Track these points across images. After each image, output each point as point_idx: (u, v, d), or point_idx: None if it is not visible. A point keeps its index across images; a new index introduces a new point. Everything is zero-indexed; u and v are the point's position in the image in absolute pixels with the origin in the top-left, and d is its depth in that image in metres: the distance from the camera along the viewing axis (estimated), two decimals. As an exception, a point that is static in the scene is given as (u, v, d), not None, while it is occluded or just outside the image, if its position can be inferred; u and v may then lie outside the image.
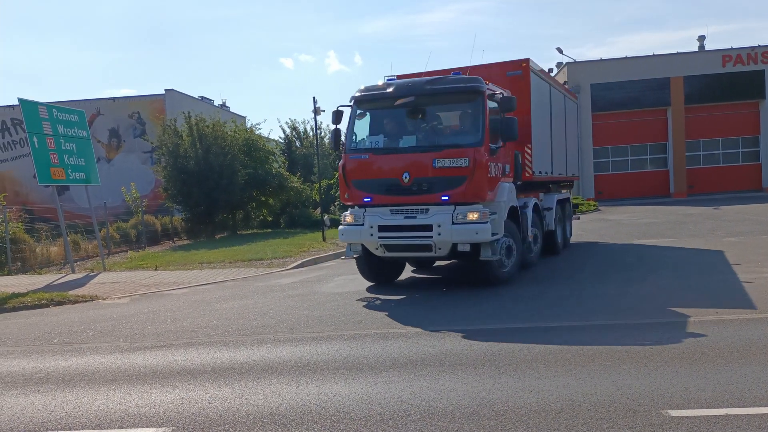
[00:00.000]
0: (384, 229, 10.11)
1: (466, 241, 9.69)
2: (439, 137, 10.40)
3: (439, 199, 9.80)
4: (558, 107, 14.85)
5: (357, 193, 10.40)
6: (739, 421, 4.43)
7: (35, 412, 5.46)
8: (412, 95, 10.18)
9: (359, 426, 4.74)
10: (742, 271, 10.75)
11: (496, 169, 10.22)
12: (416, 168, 9.93)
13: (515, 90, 11.61)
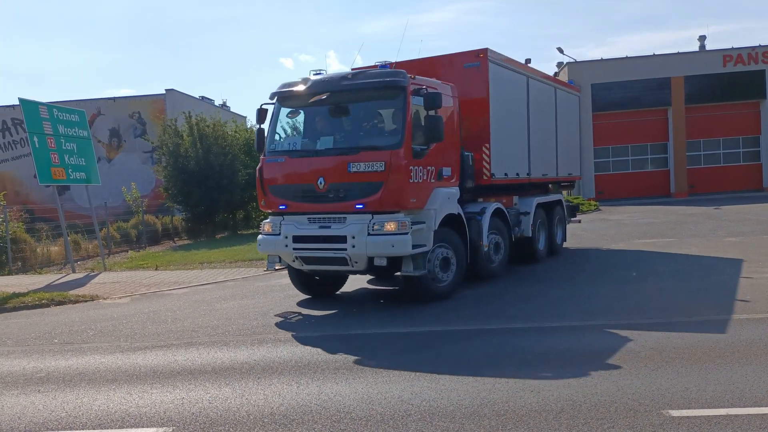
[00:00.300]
0: (299, 239, 9.17)
1: (383, 255, 8.65)
2: (355, 139, 9.33)
3: (354, 207, 8.83)
4: (542, 102, 13.55)
5: (273, 199, 9.50)
6: (740, 421, 4.43)
7: (36, 412, 5.47)
8: (327, 92, 9.24)
9: (360, 426, 4.74)
10: (744, 271, 10.74)
11: (423, 174, 9.09)
12: (331, 173, 8.97)
13: (473, 83, 10.76)
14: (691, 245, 14.65)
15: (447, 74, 10.57)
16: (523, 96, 12.54)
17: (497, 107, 11.09)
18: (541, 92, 13.57)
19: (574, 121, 15.98)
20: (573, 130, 15.89)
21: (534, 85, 13.03)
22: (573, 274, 11.86)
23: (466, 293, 9.94)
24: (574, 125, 15.97)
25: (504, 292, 10.15)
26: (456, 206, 9.84)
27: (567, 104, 15.33)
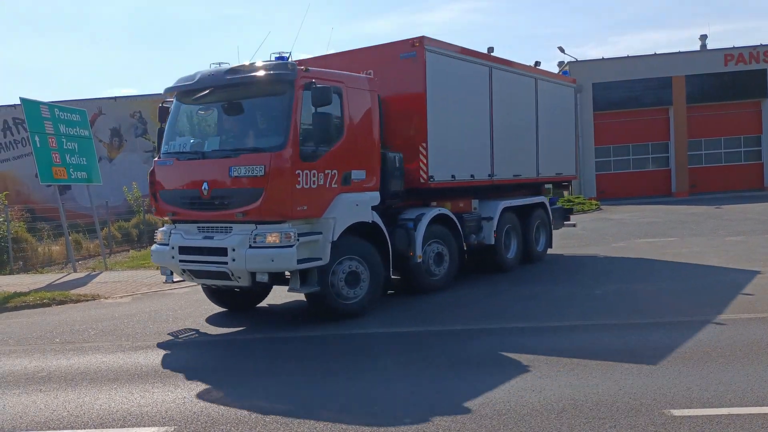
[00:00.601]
0: (185, 251, 8.34)
1: (263, 270, 7.71)
2: (239, 140, 8.46)
3: (236, 216, 7.93)
4: (515, 95, 12.23)
5: (163, 206, 8.71)
6: (742, 421, 4.43)
7: (38, 411, 5.47)
8: (210, 87, 8.37)
9: (361, 425, 4.73)
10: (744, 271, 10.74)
11: (319, 178, 8.03)
12: (214, 178, 8.10)
13: (409, 76, 9.81)
14: (692, 244, 14.64)
15: (383, 67, 9.76)
16: (483, 89, 11.32)
17: (439, 102, 9.98)
18: (513, 84, 12.22)
19: (567, 115, 14.58)
20: (566, 125, 14.49)
21: (500, 77, 11.71)
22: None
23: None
24: (567, 120, 14.58)
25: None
26: (369, 214, 8.68)
27: (555, 97, 13.90)
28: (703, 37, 37.72)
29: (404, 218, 9.72)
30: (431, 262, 10.02)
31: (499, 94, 11.67)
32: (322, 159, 8.09)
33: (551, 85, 13.81)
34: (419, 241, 9.51)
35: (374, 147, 9.01)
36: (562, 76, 14.93)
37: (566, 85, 14.76)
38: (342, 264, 8.33)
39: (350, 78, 8.80)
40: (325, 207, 8.15)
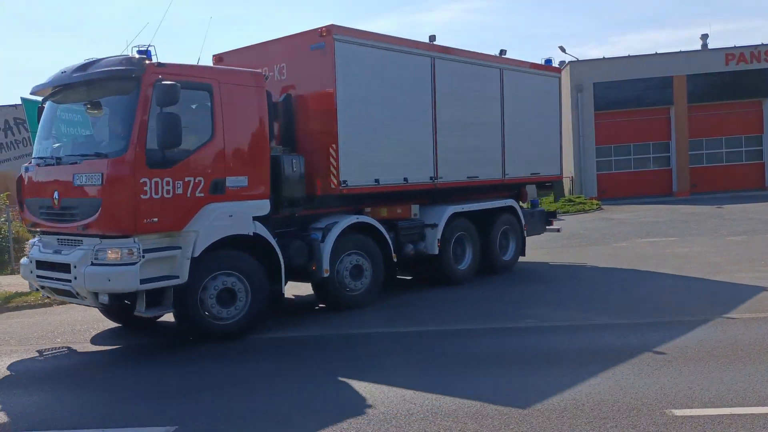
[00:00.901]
0: (40, 265, 7.63)
1: (101, 290, 6.90)
2: (87, 144, 7.74)
3: (81, 229, 7.13)
4: (469, 88, 10.95)
5: (27, 215, 8.05)
6: (743, 421, 4.42)
7: (39, 411, 5.47)
8: (59, 86, 7.71)
9: (362, 425, 4.74)
10: (746, 270, 10.73)
11: (176, 187, 7.09)
12: (62, 186, 7.33)
13: (318, 69, 8.81)
14: (693, 244, 14.63)
15: (294, 60, 9.02)
16: (422, 82, 10.12)
17: (354, 98, 8.94)
18: (467, 76, 10.94)
19: (548, 109, 13.08)
20: (547, 120, 13.02)
21: (447, 68, 10.50)
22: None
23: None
24: (548, 114, 13.09)
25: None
26: (248, 225, 7.64)
27: (531, 89, 12.49)
28: (704, 37, 37.68)
29: (314, 227, 8.79)
30: (347, 276, 8.92)
31: (446, 87, 10.46)
32: (181, 165, 7.12)
33: (524, 75, 12.33)
34: (327, 253, 8.49)
35: (261, 150, 7.96)
36: (541, 65, 13.01)
37: (547, 75, 13.09)
38: (217, 279, 7.40)
39: (225, 73, 7.92)
40: (186, 219, 7.18)
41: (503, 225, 11.81)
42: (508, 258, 11.99)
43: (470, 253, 11.12)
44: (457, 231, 10.72)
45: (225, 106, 7.52)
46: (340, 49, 8.75)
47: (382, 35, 9.59)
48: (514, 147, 11.92)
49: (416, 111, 10.07)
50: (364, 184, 9.25)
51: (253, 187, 7.83)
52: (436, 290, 10.25)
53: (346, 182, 8.89)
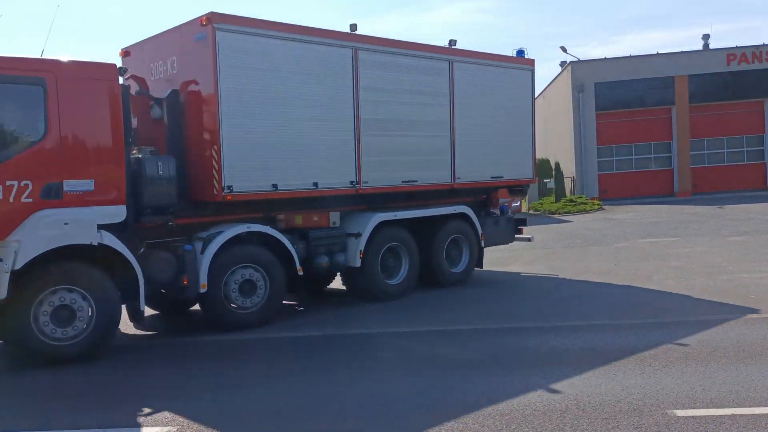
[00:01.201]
0: None
1: None
2: None
3: None
4: (409, 82, 9.89)
5: None
6: (745, 421, 4.42)
7: (39, 413, 5.47)
8: None
9: (362, 424, 4.73)
10: (747, 270, 10.72)
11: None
12: None
13: (200, 63, 7.96)
14: (694, 244, 14.62)
15: (183, 53, 8.26)
16: (342, 76, 9.07)
17: (242, 94, 8.03)
18: (402, 69, 9.81)
19: (519, 106, 11.70)
20: (517, 118, 11.66)
21: (374, 60, 9.42)
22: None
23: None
24: (519, 112, 11.72)
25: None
26: (91, 234, 6.79)
27: (494, 83, 11.19)
28: (705, 37, 37.66)
29: (198, 237, 7.94)
30: (235, 292, 7.97)
31: (373, 82, 9.39)
32: (0, 167, 6.45)
33: (484, 68, 11.05)
34: (205, 266, 7.64)
35: (112, 150, 7.16)
36: (508, 57, 11.62)
37: (517, 68, 11.68)
38: (55, 295, 6.65)
39: (64, 66, 7.01)
40: (8, 228, 6.48)
41: (452, 234, 10.64)
42: (459, 270, 10.83)
43: (406, 265, 9.91)
44: (388, 241, 9.62)
45: (63, 102, 6.76)
46: (223, 39, 7.84)
47: (278, 23, 8.45)
48: (468, 148, 10.73)
49: (330, 108, 8.99)
50: (258, 190, 8.25)
51: (101, 191, 7.02)
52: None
53: (231, 188, 7.90)
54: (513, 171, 11.75)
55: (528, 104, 11.97)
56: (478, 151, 10.94)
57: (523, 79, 11.80)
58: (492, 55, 11.32)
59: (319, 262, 8.86)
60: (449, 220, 10.63)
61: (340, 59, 9.09)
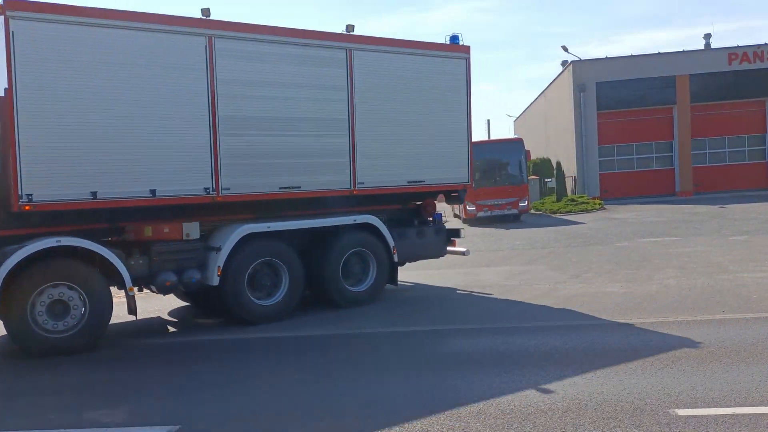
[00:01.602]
0: None
1: None
2: None
3: None
4: (289, 73, 8.75)
5: None
6: (747, 421, 4.42)
7: (40, 412, 5.48)
8: None
9: (362, 423, 4.74)
10: (748, 270, 10.71)
11: None
12: None
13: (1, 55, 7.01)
14: (696, 244, 14.60)
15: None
16: (191, 67, 8.00)
17: (47, 90, 7.11)
18: (278, 59, 8.68)
19: (449, 99, 10.21)
20: (446, 113, 10.25)
21: (236, 50, 8.33)
22: None
23: None
24: (449, 106, 10.26)
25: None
26: None
27: (413, 74, 9.82)
28: (707, 36, 37.65)
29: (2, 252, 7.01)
30: (43, 314, 7.09)
31: (236, 74, 8.33)
32: None
33: (397, 57, 9.69)
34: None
35: None
36: (433, 44, 10.15)
37: (446, 56, 10.18)
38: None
39: None
40: None
41: (353, 247, 9.33)
42: (362, 288, 9.45)
43: (286, 283, 8.69)
44: (260, 256, 8.50)
45: None
46: (20, 28, 6.90)
47: (96, 9, 7.45)
48: (376, 149, 9.48)
49: (175, 105, 7.92)
50: (72, 199, 7.27)
51: None
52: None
53: (30, 196, 6.95)
54: (440, 174, 10.27)
55: (462, 98, 10.43)
56: (390, 151, 9.63)
57: (456, 69, 10.29)
58: (412, 42, 9.95)
59: (161, 280, 7.79)
60: (347, 232, 9.35)
61: (188, 49, 8.00)
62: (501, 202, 25.26)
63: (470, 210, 25.22)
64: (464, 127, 10.53)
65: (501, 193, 25.50)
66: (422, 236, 10.25)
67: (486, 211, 25.14)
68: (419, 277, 11.82)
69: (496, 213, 25.17)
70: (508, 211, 25.37)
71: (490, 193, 25.02)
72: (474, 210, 25.17)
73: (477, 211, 25.12)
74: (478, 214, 25.11)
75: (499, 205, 25.20)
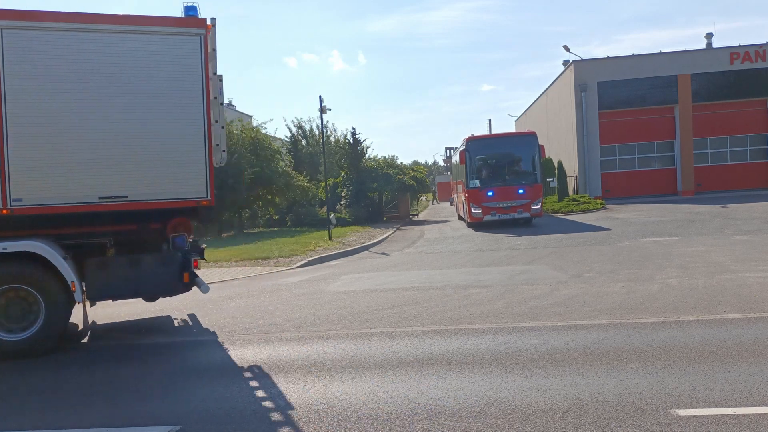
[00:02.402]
0: None
1: None
2: None
3: None
4: None
5: None
6: (748, 421, 4.41)
7: (47, 409, 5.49)
8: None
9: (366, 424, 4.74)
10: (751, 270, 10.69)
11: None
12: None
13: None
14: (698, 244, 14.59)
15: None
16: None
17: None
18: None
19: (173, 91, 7.93)
20: (165, 109, 7.92)
21: None
22: None
23: None
24: (173, 100, 7.96)
25: None
26: None
27: (102, 59, 7.64)
28: (708, 36, 37.62)
29: None
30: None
31: None
32: None
33: (77, 37, 7.56)
34: None
35: None
36: (144, 18, 7.96)
37: (165, 33, 7.97)
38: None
39: None
40: None
41: (3, 284, 7.44)
42: (23, 336, 7.47)
43: None
44: None
45: None
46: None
47: None
48: (44, 156, 7.47)
49: None
50: None
51: None
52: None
53: None
54: (158, 188, 7.98)
55: (196, 88, 8.04)
56: (68, 159, 7.58)
57: (187, 49, 8.02)
58: (108, 17, 7.80)
59: None
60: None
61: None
62: (511, 205, 22.80)
63: (475, 213, 23.18)
64: (199, 128, 8.08)
65: (511, 194, 22.90)
66: (138, 267, 8.02)
67: (494, 214, 22.86)
68: (420, 278, 11.81)
69: (505, 216, 22.79)
70: (519, 214, 22.81)
71: (498, 194, 22.88)
72: (480, 213, 23.03)
73: (483, 215, 22.96)
74: (485, 218, 22.97)
75: (508, 208, 22.73)
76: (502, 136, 26.61)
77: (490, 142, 25.04)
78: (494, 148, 24.36)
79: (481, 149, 24.17)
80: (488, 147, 24.45)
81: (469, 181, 23.65)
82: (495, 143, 25.04)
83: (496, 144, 24.95)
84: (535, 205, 23.05)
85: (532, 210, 22.95)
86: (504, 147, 24.58)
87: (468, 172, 23.74)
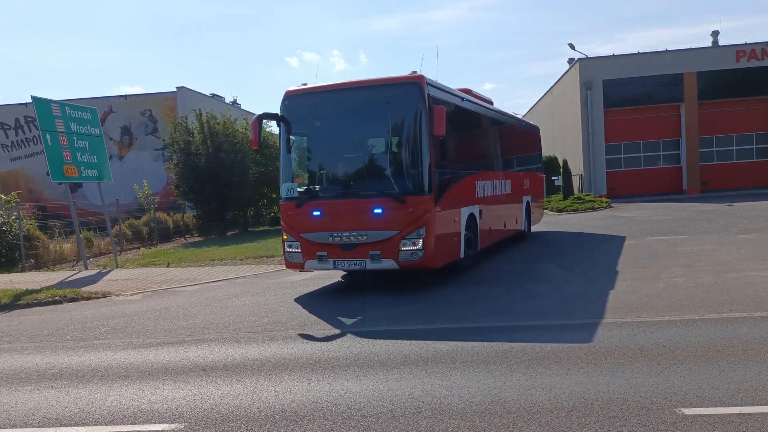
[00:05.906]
0: None
1: None
2: None
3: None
4: None
5: None
6: (754, 420, 4.39)
7: (49, 408, 5.51)
8: None
9: (370, 423, 4.74)
10: (756, 269, 10.64)
11: None
12: None
13: None
14: (703, 242, 14.53)
15: None
16: None
17: None
18: None
19: None
20: None
21: None
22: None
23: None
24: None
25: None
26: None
27: None
28: (714, 33, 37.46)
29: None
30: None
31: None
32: None
33: None
34: None
35: None
36: None
37: None
38: None
39: None
40: None
41: None
42: None
43: None
44: None
45: None
46: None
47: None
48: None
49: None
50: None
51: None
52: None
53: None
54: None
55: None
56: None
57: None
58: None
59: None
60: None
61: None
62: (352, 239, 13.02)
63: (291, 253, 15.85)
64: None
65: (355, 214, 12.45)
66: None
67: (324, 260, 14.52)
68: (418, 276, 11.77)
69: (346, 266, 11.28)
70: (373, 262, 12.22)
71: (332, 215, 11.94)
72: (298, 254, 15.77)
73: (305, 258, 16.04)
74: (308, 264, 16.34)
75: (350, 247, 10.45)
76: (352, 87, 11.01)
77: (326, 99, 11.08)
78: (336, 113, 11.13)
79: (307, 115, 11.40)
80: (323, 109, 11.18)
81: (282, 183, 11.79)
82: (335, 100, 11.06)
83: (338, 101, 11.06)
84: (412, 244, 10.11)
85: (403, 253, 10.11)
86: (356, 111, 11.04)
87: (282, 164, 11.92)
